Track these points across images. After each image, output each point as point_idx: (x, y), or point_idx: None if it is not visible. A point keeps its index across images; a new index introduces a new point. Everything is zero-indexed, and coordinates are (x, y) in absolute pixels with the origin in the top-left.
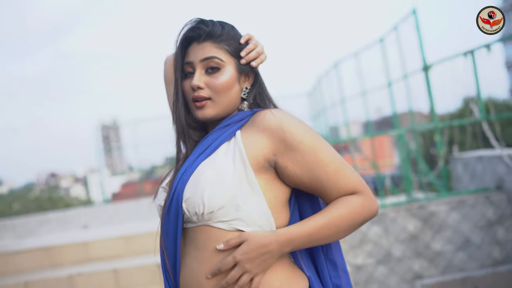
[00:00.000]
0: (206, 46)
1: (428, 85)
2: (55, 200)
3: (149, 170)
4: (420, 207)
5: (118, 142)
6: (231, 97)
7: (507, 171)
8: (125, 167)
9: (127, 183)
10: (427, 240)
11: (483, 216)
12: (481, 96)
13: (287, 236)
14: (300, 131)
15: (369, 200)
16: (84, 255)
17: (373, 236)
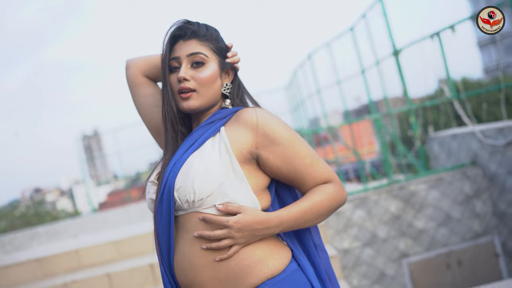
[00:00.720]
0: (191, 43)
1: (399, 69)
2: (42, 214)
3: (134, 177)
4: (400, 188)
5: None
6: (214, 90)
7: (480, 146)
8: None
9: (113, 192)
10: (409, 219)
11: (461, 191)
12: (450, 76)
13: (278, 218)
14: (280, 128)
15: (341, 188)
16: (76, 263)
17: (357, 220)
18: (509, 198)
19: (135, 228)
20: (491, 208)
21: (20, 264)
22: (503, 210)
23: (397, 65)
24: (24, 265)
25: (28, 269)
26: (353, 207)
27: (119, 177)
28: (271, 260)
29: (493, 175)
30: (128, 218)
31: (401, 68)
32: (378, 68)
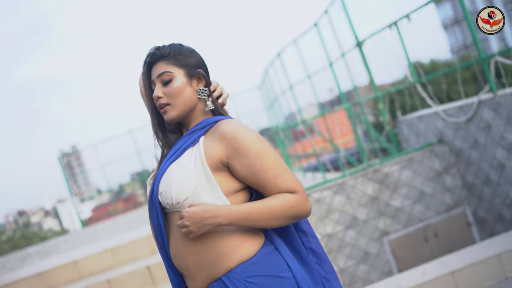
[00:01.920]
0: (159, 65)
1: (364, 59)
2: (30, 236)
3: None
4: (375, 171)
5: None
6: (186, 98)
7: (444, 125)
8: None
9: (97, 206)
10: (386, 199)
11: (431, 168)
12: (410, 61)
13: (226, 210)
14: (248, 141)
15: (302, 199)
16: (76, 273)
17: (337, 205)
18: (475, 170)
19: (129, 234)
20: (460, 181)
21: (22, 280)
22: (471, 182)
23: (361, 56)
24: (26, 280)
25: (31, 284)
26: (332, 194)
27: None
28: (243, 248)
29: (459, 151)
30: (118, 228)
31: (365, 58)
32: (344, 60)
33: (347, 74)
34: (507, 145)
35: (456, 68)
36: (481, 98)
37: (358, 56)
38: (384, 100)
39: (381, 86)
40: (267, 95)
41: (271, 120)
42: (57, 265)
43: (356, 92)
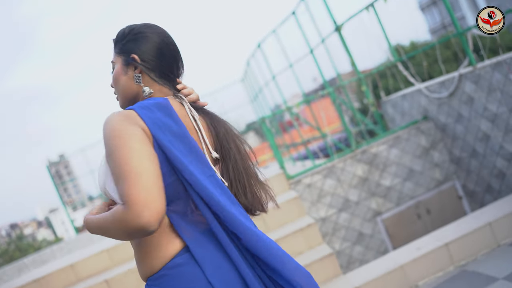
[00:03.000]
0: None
1: (344, 43)
2: (24, 248)
3: None
4: (363, 152)
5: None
6: (122, 86)
7: (428, 101)
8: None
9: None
10: (376, 179)
11: (418, 145)
12: (390, 42)
13: (87, 219)
14: (106, 136)
15: (130, 213)
16: (74, 277)
17: (328, 188)
18: (461, 144)
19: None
20: (447, 156)
21: (20, 287)
22: (458, 156)
23: (341, 40)
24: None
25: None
26: (323, 178)
27: (94, 197)
28: (153, 256)
29: (444, 126)
30: None
31: (345, 42)
32: (324, 45)
33: (329, 61)
34: (491, 116)
35: (435, 44)
36: (462, 72)
37: (338, 42)
38: (367, 82)
39: (364, 71)
40: (251, 87)
41: (257, 112)
42: (53, 270)
43: (339, 77)
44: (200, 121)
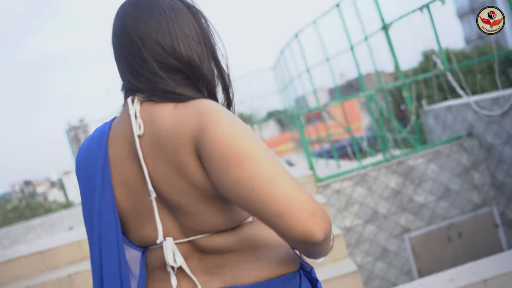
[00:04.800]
0: None
1: (390, 43)
2: (34, 207)
3: None
4: (399, 163)
5: None
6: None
7: (475, 117)
8: None
9: None
10: (409, 194)
11: (458, 163)
12: (442, 47)
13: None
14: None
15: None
16: (79, 254)
17: (358, 197)
18: (507, 168)
19: None
20: (489, 179)
21: (23, 257)
22: (501, 180)
23: (387, 40)
24: (27, 258)
25: (32, 262)
26: (353, 185)
27: None
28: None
29: (490, 146)
30: None
31: (391, 42)
32: (367, 43)
33: (367, 59)
34: None
35: (493, 57)
36: None
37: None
38: (410, 88)
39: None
40: (282, 77)
41: (284, 103)
42: (60, 244)
43: (378, 78)
44: None
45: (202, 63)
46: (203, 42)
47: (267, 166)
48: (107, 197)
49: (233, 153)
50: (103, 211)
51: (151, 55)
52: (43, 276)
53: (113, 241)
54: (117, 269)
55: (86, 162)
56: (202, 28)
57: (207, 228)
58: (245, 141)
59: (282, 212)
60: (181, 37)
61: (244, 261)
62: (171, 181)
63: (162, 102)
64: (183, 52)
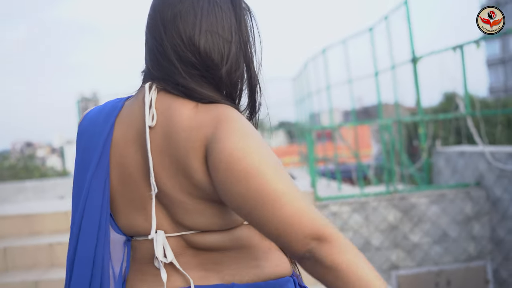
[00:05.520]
0: None
1: (416, 77)
2: (31, 169)
3: None
4: (401, 198)
5: None
6: None
7: (488, 168)
8: None
9: None
10: (406, 231)
11: (461, 211)
12: (468, 91)
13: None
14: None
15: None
16: (65, 225)
17: (353, 224)
18: (510, 225)
19: None
20: (489, 232)
21: (7, 217)
22: (501, 236)
23: (414, 74)
24: (11, 219)
25: (15, 224)
26: (351, 211)
27: None
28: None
29: (497, 199)
30: None
31: (418, 76)
32: (393, 72)
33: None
34: None
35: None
36: None
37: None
38: (427, 125)
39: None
40: (300, 89)
41: (298, 115)
42: (47, 211)
43: (397, 109)
44: None
45: (223, 65)
46: (237, 43)
47: (274, 184)
48: (101, 173)
49: (241, 167)
50: (93, 185)
51: (170, 43)
52: (24, 240)
53: (95, 217)
54: (92, 249)
55: (88, 133)
56: (242, 29)
57: (203, 226)
58: (256, 156)
59: (281, 232)
60: (206, 32)
61: (241, 258)
62: (175, 178)
63: (181, 97)
64: (201, 49)
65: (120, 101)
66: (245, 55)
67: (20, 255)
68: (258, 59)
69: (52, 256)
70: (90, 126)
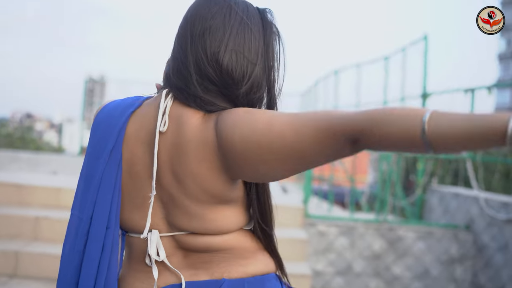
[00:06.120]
0: None
1: None
2: (27, 141)
3: None
4: (389, 229)
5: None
6: None
7: (479, 213)
8: None
9: None
10: (388, 262)
11: (446, 251)
12: None
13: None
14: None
15: None
16: (54, 201)
17: (338, 246)
18: (492, 274)
19: None
20: (470, 277)
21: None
22: (482, 282)
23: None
24: (2, 187)
25: (5, 192)
26: (338, 233)
27: None
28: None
29: (484, 246)
30: None
31: None
32: (402, 104)
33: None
34: None
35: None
36: None
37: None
38: (427, 162)
39: None
40: (308, 105)
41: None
42: (40, 184)
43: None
44: None
45: (242, 84)
46: (262, 67)
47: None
48: (113, 163)
49: (248, 112)
50: (106, 174)
51: (194, 56)
52: (11, 209)
53: (106, 207)
54: (102, 237)
55: (104, 124)
56: (268, 53)
57: (198, 230)
58: (259, 110)
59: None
60: (231, 51)
61: (230, 258)
62: (183, 183)
63: (191, 107)
64: (224, 66)
65: (138, 99)
66: (268, 79)
67: (5, 223)
68: (280, 84)
69: (37, 230)
70: (107, 118)
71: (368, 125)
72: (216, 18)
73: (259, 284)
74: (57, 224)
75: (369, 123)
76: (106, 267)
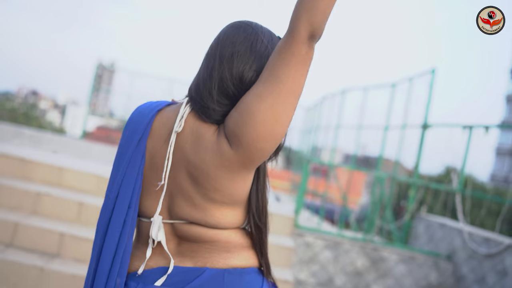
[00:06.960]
0: None
1: (421, 143)
2: (30, 117)
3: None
4: (374, 249)
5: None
6: None
7: (462, 246)
8: (106, 111)
9: (102, 126)
10: (369, 280)
11: (426, 277)
12: (464, 170)
13: None
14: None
15: None
16: (56, 179)
17: (322, 259)
18: None
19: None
20: None
21: (3, 156)
22: None
23: (421, 139)
24: (7, 159)
25: (9, 164)
26: (324, 246)
27: (115, 116)
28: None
29: (462, 277)
30: (111, 158)
31: (423, 143)
32: (401, 132)
33: (396, 145)
34: None
35: (505, 202)
36: None
37: (415, 135)
38: (418, 190)
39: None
40: (311, 121)
41: (301, 144)
42: (44, 161)
43: (395, 167)
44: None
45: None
46: None
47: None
48: (139, 150)
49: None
50: (133, 158)
51: (219, 75)
52: (14, 181)
53: (129, 189)
54: (126, 207)
55: (135, 120)
56: None
57: (198, 220)
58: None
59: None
60: (255, 71)
61: (215, 251)
62: (197, 180)
63: (203, 120)
64: (247, 81)
65: (166, 102)
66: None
67: (7, 194)
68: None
69: (37, 204)
70: (138, 115)
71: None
72: (244, 43)
73: (238, 276)
74: (57, 202)
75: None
76: (126, 239)
